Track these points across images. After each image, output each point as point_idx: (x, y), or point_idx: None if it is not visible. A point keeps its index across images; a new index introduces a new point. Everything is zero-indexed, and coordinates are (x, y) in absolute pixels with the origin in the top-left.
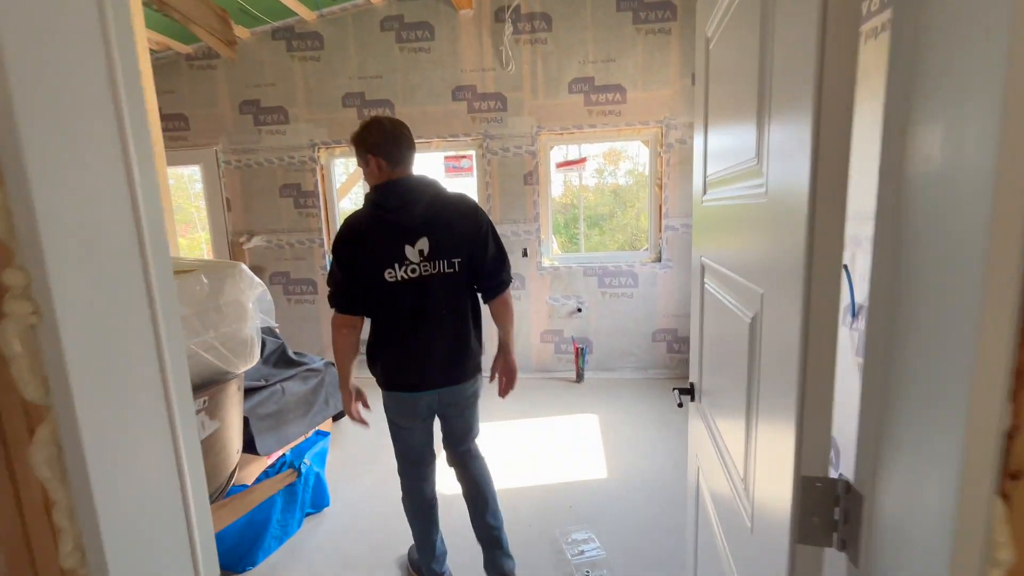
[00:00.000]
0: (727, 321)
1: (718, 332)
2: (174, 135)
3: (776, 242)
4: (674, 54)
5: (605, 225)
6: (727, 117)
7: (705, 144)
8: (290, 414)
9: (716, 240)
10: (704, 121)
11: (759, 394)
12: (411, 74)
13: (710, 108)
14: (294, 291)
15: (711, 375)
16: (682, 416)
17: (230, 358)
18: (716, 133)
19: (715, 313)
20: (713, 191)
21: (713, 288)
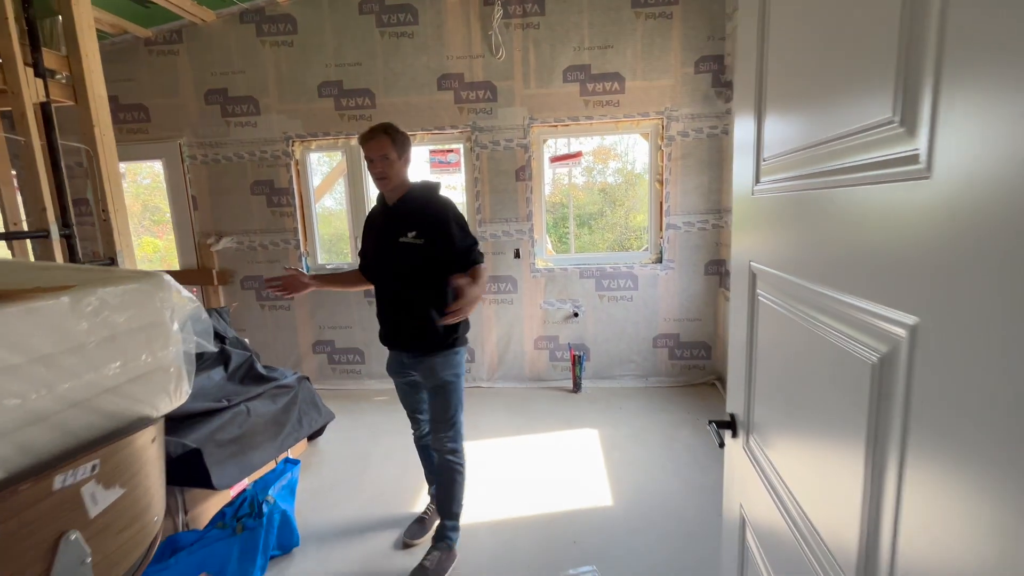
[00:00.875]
0: (815, 352)
1: (788, 361)
2: (133, 127)
3: (956, 245)
4: (676, 41)
5: (594, 224)
6: (816, 79)
7: (758, 123)
8: (257, 438)
9: (783, 240)
10: (757, 95)
11: (905, 459)
12: (393, 61)
13: (769, 77)
14: (268, 296)
15: (770, 410)
16: (688, 431)
17: (144, 399)
18: (784, 105)
19: (782, 336)
20: (776, 176)
21: (778, 304)
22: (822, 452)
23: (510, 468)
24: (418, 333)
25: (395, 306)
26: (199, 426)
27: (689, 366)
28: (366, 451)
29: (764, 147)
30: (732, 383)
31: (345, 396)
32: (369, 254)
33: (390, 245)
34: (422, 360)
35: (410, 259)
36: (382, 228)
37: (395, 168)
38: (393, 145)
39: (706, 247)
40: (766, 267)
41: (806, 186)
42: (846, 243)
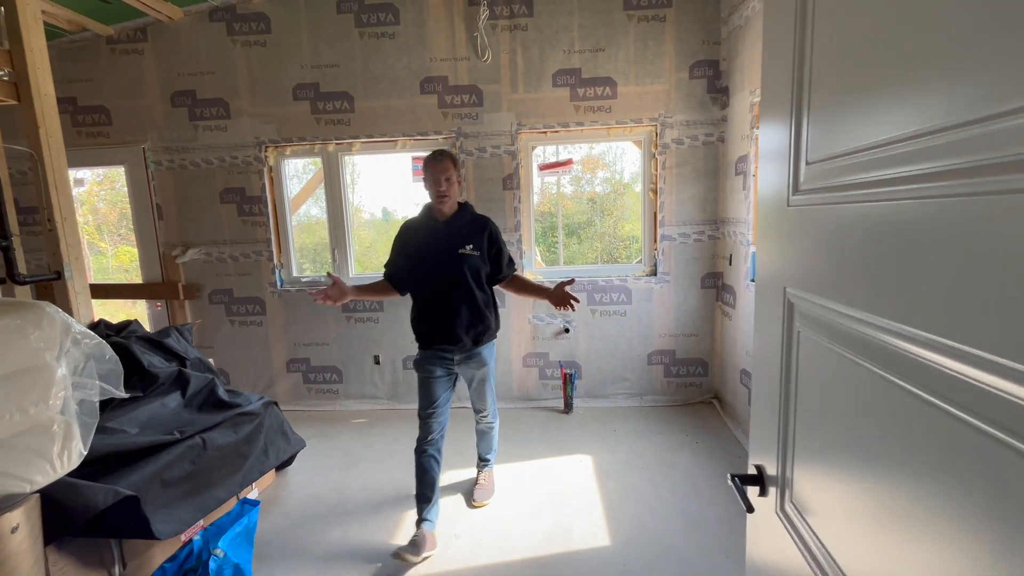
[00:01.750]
0: (905, 415)
1: (852, 416)
2: (92, 130)
3: None
4: (669, 44)
5: (583, 234)
6: (899, 65)
7: (795, 121)
8: (214, 474)
9: (848, 265)
10: (794, 90)
11: None
12: (373, 63)
13: (817, 66)
14: (238, 311)
15: (821, 471)
16: (687, 456)
17: (7, 471)
18: (850, 93)
19: (842, 385)
20: (830, 183)
21: (839, 348)
22: (913, 539)
23: (499, 503)
24: (476, 328)
25: (454, 309)
26: (144, 464)
27: (685, 384)
28: (340, 482)
29: (805, 149)
30: (757, 429)
31: (321, 418)
32: (421, 264)
33: (450, 255)
34: (475, 352)
35: (471, 267)
36: (436, 241)
37: (454, 188)
38: (454, 167)
39: (702, 259)
40: (815, 297)
41: (896, 195)
42: (972, 275)
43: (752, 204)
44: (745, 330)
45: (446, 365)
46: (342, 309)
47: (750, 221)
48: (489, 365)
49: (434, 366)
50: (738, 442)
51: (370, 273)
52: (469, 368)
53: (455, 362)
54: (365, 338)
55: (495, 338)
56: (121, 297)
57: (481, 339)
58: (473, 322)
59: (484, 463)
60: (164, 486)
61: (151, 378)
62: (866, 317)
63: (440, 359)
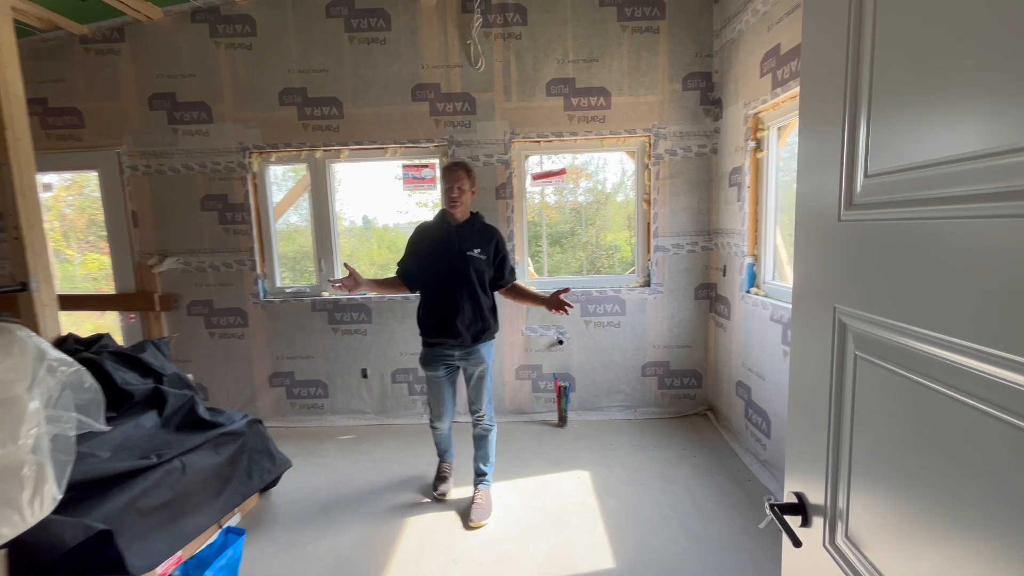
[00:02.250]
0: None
1: (932, 447)
2: (63, 133)
3: None
4: (663, 56)
5: (566, 243)
6: None
7: (851, 126)
8: (193, 499)
9: (928, 286)
10: (848, 90)
11: None
12: (363, 68)
13: (878, 68)
14: (218, 323)
15: (886, 504)
16: (686, 470)
17: None
18: (917, 103)
19: (916, 414)
20: (900, 197)
21: (909, 373)
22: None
23: (497, 523)
24: (476, 326)
25: (457, 305)
26: (117, 492)
27: (680, 396)
28: (327, 503)
29: (864, 159)
30: (796, 454)
31: (305, 435)
32: (430, 264)
33: (459, 257)
34: (474, 349)
35: (476, 269)
36: (447, 242)
37: (466, 196)
38: (468, 178)
39: (696, 270)
40: (880, 317)
41: (991, 211)
42: None
43: (748, 215)
44: (740, 341)
45: (448, 363)
46: (328, 320)
47: (746, 232)
48: (487, 363)
49: (437, 366)
50: (735, 455)
51: None
52: (469, 364)
53: (456, 358)
54: (352, 350)
55: (493, 339)
56: (92, 309)
57: (480, 337)
58: (474, 320)
59: (481, 479)
60: (140, 515)
61: (125, 397)
62: (949, 340)
63: (442, 357)
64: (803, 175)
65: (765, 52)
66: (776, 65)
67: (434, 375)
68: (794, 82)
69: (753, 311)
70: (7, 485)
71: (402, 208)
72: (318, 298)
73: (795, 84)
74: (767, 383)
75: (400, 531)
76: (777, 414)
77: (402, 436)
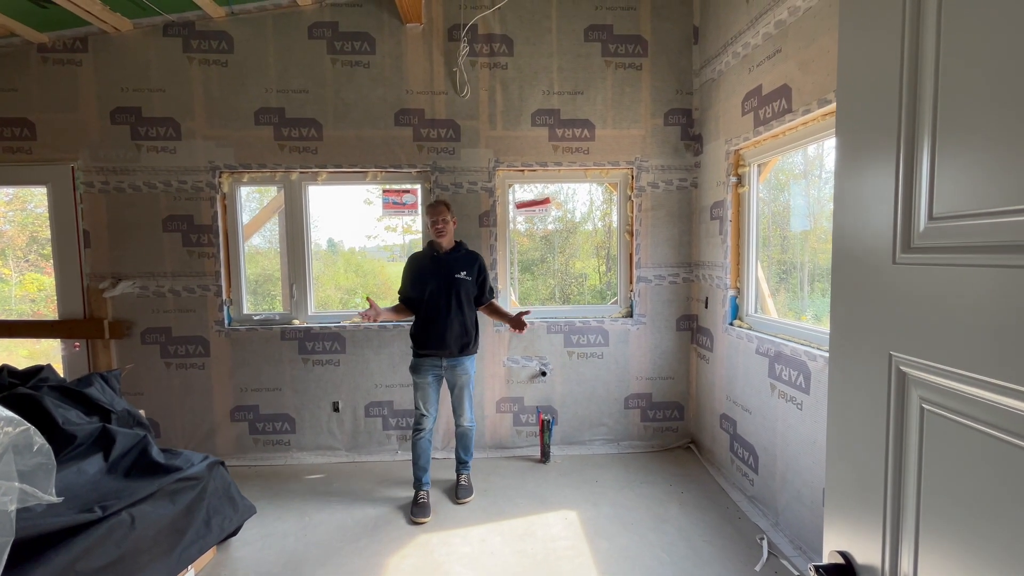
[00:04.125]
0: None
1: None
2: (11, 145)
3: None
4: (645, 91)
5: (536, 270)
6: None
7: (906, 166)
8: (142, 557)
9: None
10: (901, 125)
11: None
12: (345, 91)
13: (944, 95)
14: (176, 353)
15: (964, 571)
16: (676, 508)
17: None
18: (1001, 136)
19: (1003, 475)
20: (982, 241)
21: (996, 431)
22: None
23: (487, 572)
24: (462, 340)
25: (449, 322)
26: (53, 554)
27: (663, 428)
28: (295, 553)
29: (926, 199)
30: (838, 507)
31: (270, 474)
32: (424, 287)
33: (450, 280)
34: (460, 361)
35: (464, 290)
36: (437, 269)
37: (449, 227)
38: (448, 211)
39: (677, 301)
40: (951, 369)
41: None
42: None
43: (730, 248)
44: (723, 374)
45: (435, 371)
46: (299, 350)
47: (728, 265)
48: (470, 375)
49: (426, 373)
50: (722, 490)
51: (330, 311)
52: (454, 374)
53: (443, 368)
54: (323, 382)
55: (475, 352)
56: (31, 336)
57: (465, 349)
58: (460, 334)
59: (463, 466)
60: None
61: (66, 438)
62: None
63: (431, 366)
64: (842, 213)
65: (747, 92)
66: (758, 105)
67: (422, 381)
68: (776, 122)
69: (737, 344)
70: None
71: (371, 232)
72: (288, 326)
73: (777, 124)
74: (753, 416)
75: None
76: (764, 448)
77: (376, 474)
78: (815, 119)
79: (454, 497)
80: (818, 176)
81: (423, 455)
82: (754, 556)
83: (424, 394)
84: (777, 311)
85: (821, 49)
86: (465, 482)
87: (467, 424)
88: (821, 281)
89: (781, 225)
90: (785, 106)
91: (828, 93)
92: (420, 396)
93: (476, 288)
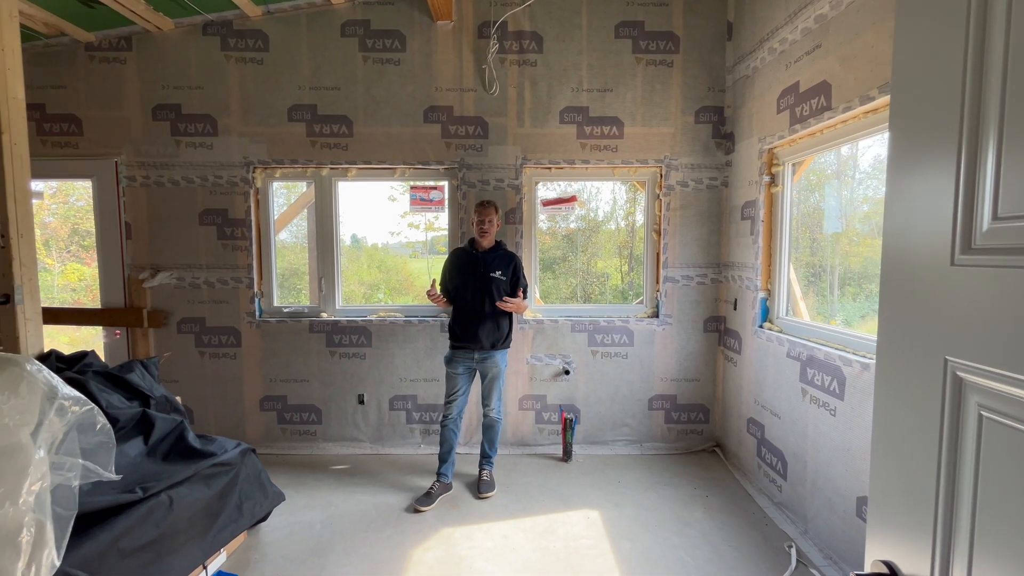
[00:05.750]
0: None
1: None
2: (59, 140)
3: None
4: (676, 89)
5: (557, 269)
6: None
7: (967, 165)
8: (179, 538)
9: None
10: (963, 122)
11: None
12: (376, 88)
13: (1014, 89)
14: (210, 343)
15: None
16: (700, 511)
17: None
18: None
19: None
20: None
21: None
22: None
23: (502, 568)
24: (494, 335)
25: (482, 318)
26: (98, 531)
27: (687, 431)
28: (321, 541)
29: (990, 199)
30: (881, 515)
31: (296, 463)
32: (461, 282)
33: (486, 279)
34: (491, 355)
35: (498, 289)
36: (474, 267)
37: (494, 228)
38: (496, 214)
39: (705, 302)
40: (1014, 375)
41: None
42: None
43: (761, 249)
44: (752, 377)
45: (467, 363)
46: (326, 343)
47: (758, 266)
48: (501, 368)
49: (458, 364)
50: (748, 496)
51: (356, 305)
52: (485, 366)
53: (475, 360)
54: (349, 375)
55: (508, 347)
56: (75, 323)
57: (496, 345)
58: (492, 330)
59: (486, 460)
60: (122, 557)
61: (109, 422)
62: None
63: (464, 359)
64: (895, 212)
65: (783, 89)
66: (794, 102)
67: (454, 372)
68: (814, 120)
69: (767, 347)
70: (2, 555)
71: (394, 229)
72: (316, 319)
73: (815, 122)
74: (783, 421)
75: (402, 574)
76: (794, 454)
77: (399, 466)
78: (856, 117)
79: (476, 492)
80: (851, 177)
81: (445, 443)
82: (781, 564)
83: (453, 383)
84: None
85: (864, 44)
86: (487, 477)
87: (494, 415)
88: (852, 285)
89: (811, 227)
90: (824, 103)
91: (871, 90)
92: (449, 382)
93: (509, 288)
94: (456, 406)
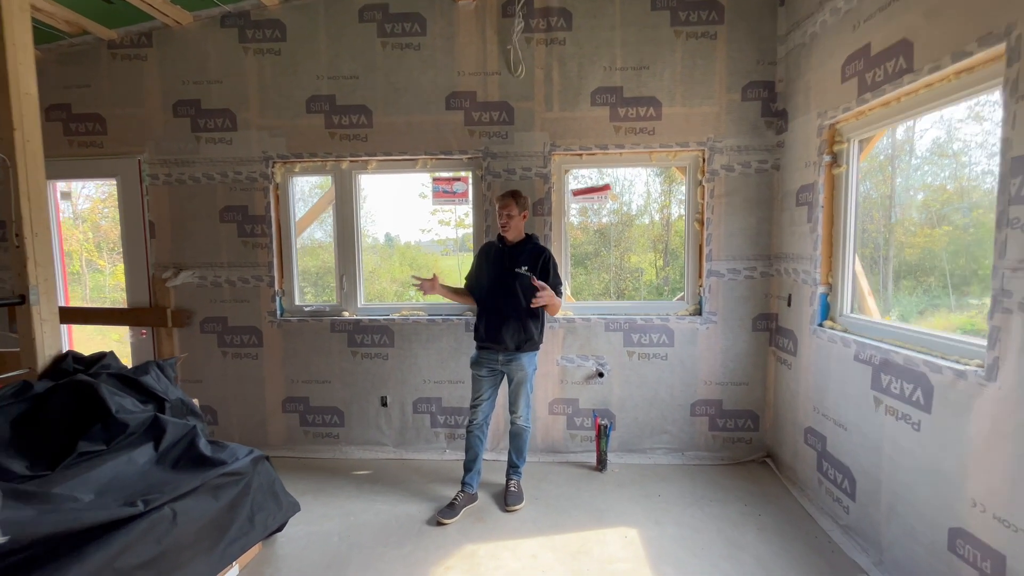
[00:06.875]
0: None
1: None
2: (85, 139)
3: None
4: (720, 63)
5: (589, 264)
6: None
7: None
8: (184, 554)
9: None
10: None
11: None
12: (395, 75)
13: None
14: (232, 342)
15: None
16: (753, 533)
17: None
18: None
19: None
20: None
21: None
22: None
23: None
24: (519, 336)
25: (506, 317)
26: (93, 549)
27: (733, 439)
28: (339, 557)
29: None
30: None
31: (318, 467)
32: (485, 278)
33: (507, 273)
34: (516, 356)
35: (522, 285)
36: (500, 262)
37: (515, 221)
38: (516, 204)
39: (754, 299)
40: None
41: None
42: None
43: (821, 239)
44: (810, 382)
45: (492, 365)
46: (348, 342)
47: (818, 258)
48: (528, 372)
49: (482, 367)
50: (808, 516)
51: (378, 303)
52: (511, 369)
53: (500, 362)
54: (371, 376)
55: (536, 350)
56: (102, 322)
57: (522, 346)
58: (517, 330)
59: (514, 470)
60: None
61: (119, 427)
62: None
63: (488, 360)
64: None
65: (849, 54)
66: (864, 67)
67: (477, 374)
68: (890, 85)
69: (829, 348)
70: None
71: (424, 226)
72: (338, 318)
73: (891, 88)
74: (850, 434)
75: None
76: (864, 471)
77: (423, 473)
78: (945, 78)
79: (503, 503)
80: (907, 161)
81: (470, 450)
82: None
83: (477, 387)
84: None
85: None
86: (515, 488)
87: (521, 423)
88: (908, 278)
89: (862, 216)
90: (904, 65)
91: (968, 43)
92: (474, 387)
93: None
94: (482, 411)
